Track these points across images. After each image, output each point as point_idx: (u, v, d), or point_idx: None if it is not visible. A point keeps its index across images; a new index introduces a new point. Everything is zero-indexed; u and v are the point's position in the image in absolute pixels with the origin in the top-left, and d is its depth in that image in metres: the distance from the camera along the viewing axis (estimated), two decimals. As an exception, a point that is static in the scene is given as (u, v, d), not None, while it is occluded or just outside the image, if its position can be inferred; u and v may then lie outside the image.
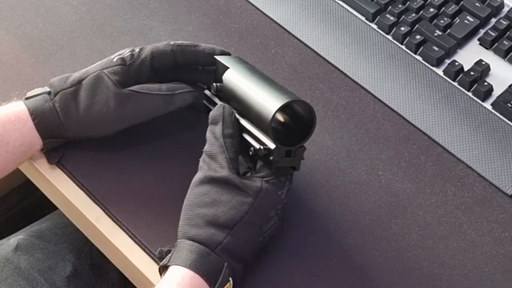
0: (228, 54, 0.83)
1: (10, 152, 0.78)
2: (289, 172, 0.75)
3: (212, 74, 0.82)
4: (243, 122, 0.77)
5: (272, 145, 0.73)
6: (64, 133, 0.80)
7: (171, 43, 0.81)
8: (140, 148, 0.84)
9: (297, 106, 0.75)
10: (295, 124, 0.75)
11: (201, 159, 0.76)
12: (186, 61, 0.82)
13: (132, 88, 0.79)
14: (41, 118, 0.78)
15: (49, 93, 0.79)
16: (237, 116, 0.77)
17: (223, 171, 0.73)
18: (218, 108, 0.77)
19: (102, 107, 0.78)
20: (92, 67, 0.81)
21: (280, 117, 0.76)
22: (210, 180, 0.73)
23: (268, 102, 0.73)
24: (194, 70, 0.83)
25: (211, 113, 0.77)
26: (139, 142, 0.84)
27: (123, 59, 0.80)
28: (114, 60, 0.80)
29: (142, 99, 0.79)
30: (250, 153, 0.74)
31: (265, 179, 0.74)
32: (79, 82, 0.79)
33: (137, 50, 0.81)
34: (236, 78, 0.78)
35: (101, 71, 0.79)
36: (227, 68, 0.79)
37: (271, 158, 0.73)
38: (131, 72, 0.80)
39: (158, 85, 0.80)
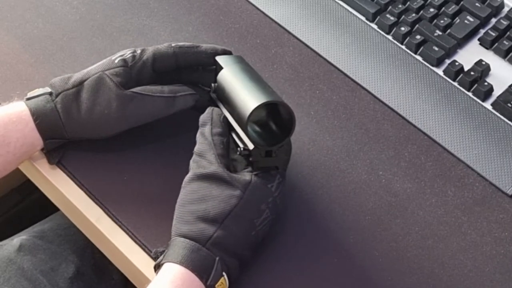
0: (229, 53, 0.83)
1: (11, 152, 0.78)
2: (274, 171, 0.75)
3: (212, 74, 0.82)
4: (232, 122, 0.77)
5: (251, 146, 0.74)
6: (65, 134, 0.80)
7: (173, 44, 0.81)
8: (140, 148, 0.84)
9: (279, 107, 0.75)
10: (277, 125, 0.76)
11: (191, 160, 0.76)
12: (188, 63, 0.82)
13: (134, 90, 0.79)
14: (42, 119, 0.78)
15: (50, 94, 0.79)
16: (228, 116, 0.77)
17: (212, 167, 0.74)
18: (207, 111, 0.78)
19: (104, 108, 0.78)
20: (94, 68, 0.81)
21: (261, 118, 0.76)
22: (200, 177, 0.74)
23: (247, 102, 0.74)
24: (194, 70, 0.83)
25: (201, 117, 0.78)
26: (139, 142, 0.84)
27: (124, 60, 0.80)
28: (116, 61, 0.80)
29: (144, 101, 0.79)
30: (237, 153, 0.75)
31: (254, 172, 0.74)
32: (80, 83, 0.79)
33: (138, 51, 0.81)
34: (228, 78, 0.78)
35: (103, 73, 0.79)
36: (222, 68, 0.79)
37: (250, 158, 0.74)
38: (133, 73, 0.80)
39: (160, 87, 0.80)
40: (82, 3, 0.97)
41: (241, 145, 0.75)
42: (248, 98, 0.74)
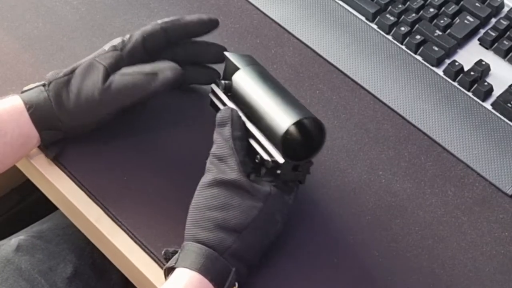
0: (216, 21, 0.83)
1: (8, 143, 0.78)
2: (294, 185, 0.75)
3: (211, 69, 0.83)
4: (250, 126, 0.76)
5: (281, 160, 0.73)
6: (59, 124, 0.80)
7: (159, 22, 0.81)
8: (140, 148, 0.84)
9: (307, 122, 0.74)
10: (304, 139, 0.75)
11: (208, 161, 0.75)
12: (178, 36, 0.82)
13: (117, 71, 0.79)
14: (36, 108, 0.79)
15: (44, 85, 0.80)
16: (245, 119, 0.76)
17: (234, 174, 0.73)
18: (226, 110, 0.76)
19: (89, 93, 0.78)
20: (86, 58, 0.81)
21: (292, 133, 0.74)
22: (220, 183, 0.73)
23: (280, 117, 0.73)
24: (197, 67, 0.83)
25: (218, 115, 0.76)
26: (139, 142, 0.84)
27: (114, 46, 0.80)
28: (106, 49, 0.81)
29: (123, 81, 0.78)
30: (257, 160, 0.74)
31: (273, 183, 0.74)
32: (72, 71, 0.80)
33: (127, 36, 0.81)
34: (247, 82, 0.77)
35: (93, 59, 0.80)
36: (237, 68, 0.78)
37: (278, 171, 0.73)
38: (124, 56, 0.80)
39: (141, 66, 0.79)
40: (82, 3, 0.97)
41: (265, 156, 0.74)
42: (281, 112, 0.73)
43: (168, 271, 0.72)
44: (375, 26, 0.95)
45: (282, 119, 0.72)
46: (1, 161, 0.80)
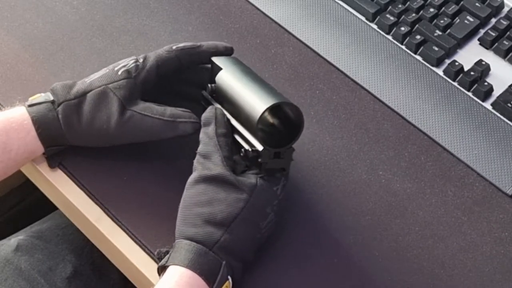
0: (230, 48, 0.83)
1: (12, 159, 0.78)
2: (279, 173, 0.75)
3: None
4: (235, 123, 0.77)
5: (260, 147, 0.73)
6: (65, 142, 0.80)
7: (174, 47, 0.81)
8: (140, 148, 0.84)
9: (285, 108, 0.75)
10: (284, 126, 0.75)
11: (195, 161, 0.76)
12: (191, 64, 0.82)
13: (135, 108, 0.79)
14: (44, 128, 0.78)
15: (52, 102, 0.79)
16: (229, 117, 0.77)
17: (217, 169, 0.73)
18: (210, 110, 0.77)
19: (103, 123, 0.78)
20: (97, 78, 0.80)
21: (268, 119, 0.75)
22: (205, 179, 0.73)
23: (255, 104, 0.73)
24: (197, 70, 0.83)
25: (203, 116, 0.77)
26: (139, 142, 0.84)
27: (128, 71, 0.80)
28: (119, 73, 0.80)
29: (142, 121, 0.78)
30: (241, 154, 0.75)
31: (260, 175, 0.74)
32: (83, 94, 0.79)
33: (141, 60, 0.81)
34: (228, 79, 0.78)
35: (106, 87, 0.79)
36: (220, 69, 0.79)
37: (259, 160, 0.74)
38: (137, 83, 0.80)
39: (162, 109, 0.79)
40: (82, 3, 0.97)
41: (246, 146, 0.74)
42: (256, 100, 0.74)
43: (161, 270, 0.72)
44: (375, 26, 0.95)
45: (258, 105, 0.73)
46: (4, 172, 0.80)
